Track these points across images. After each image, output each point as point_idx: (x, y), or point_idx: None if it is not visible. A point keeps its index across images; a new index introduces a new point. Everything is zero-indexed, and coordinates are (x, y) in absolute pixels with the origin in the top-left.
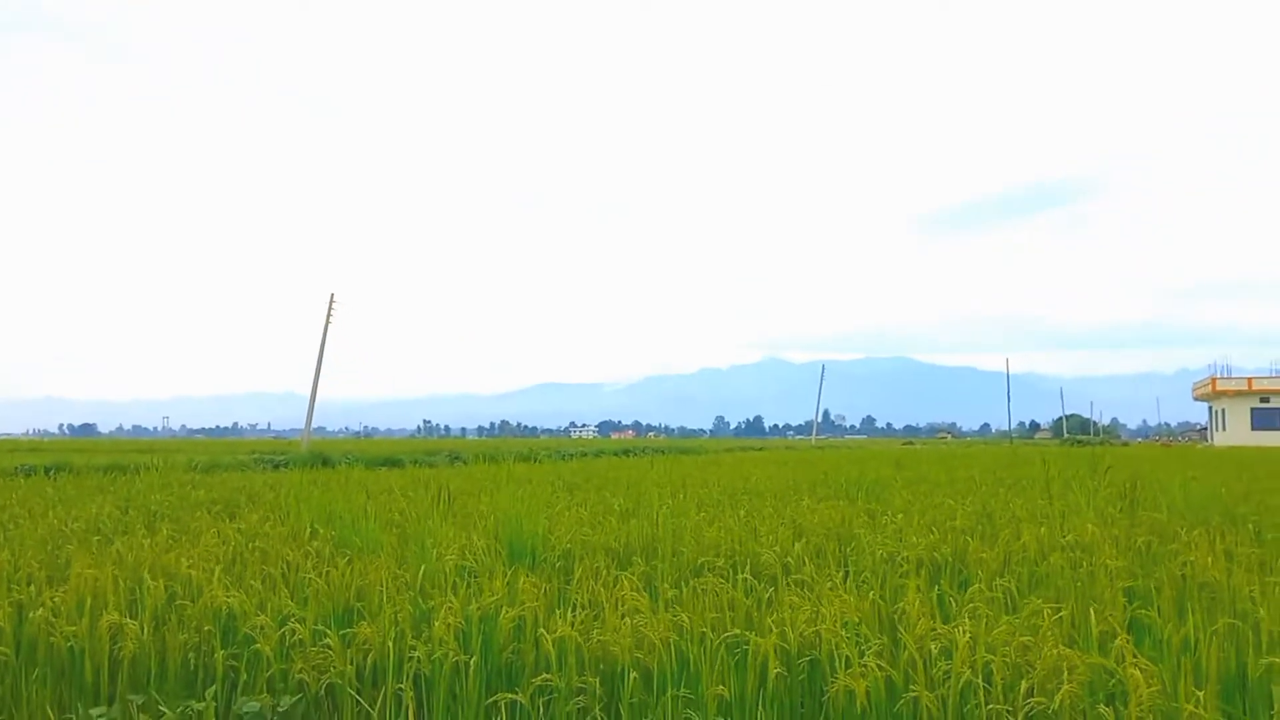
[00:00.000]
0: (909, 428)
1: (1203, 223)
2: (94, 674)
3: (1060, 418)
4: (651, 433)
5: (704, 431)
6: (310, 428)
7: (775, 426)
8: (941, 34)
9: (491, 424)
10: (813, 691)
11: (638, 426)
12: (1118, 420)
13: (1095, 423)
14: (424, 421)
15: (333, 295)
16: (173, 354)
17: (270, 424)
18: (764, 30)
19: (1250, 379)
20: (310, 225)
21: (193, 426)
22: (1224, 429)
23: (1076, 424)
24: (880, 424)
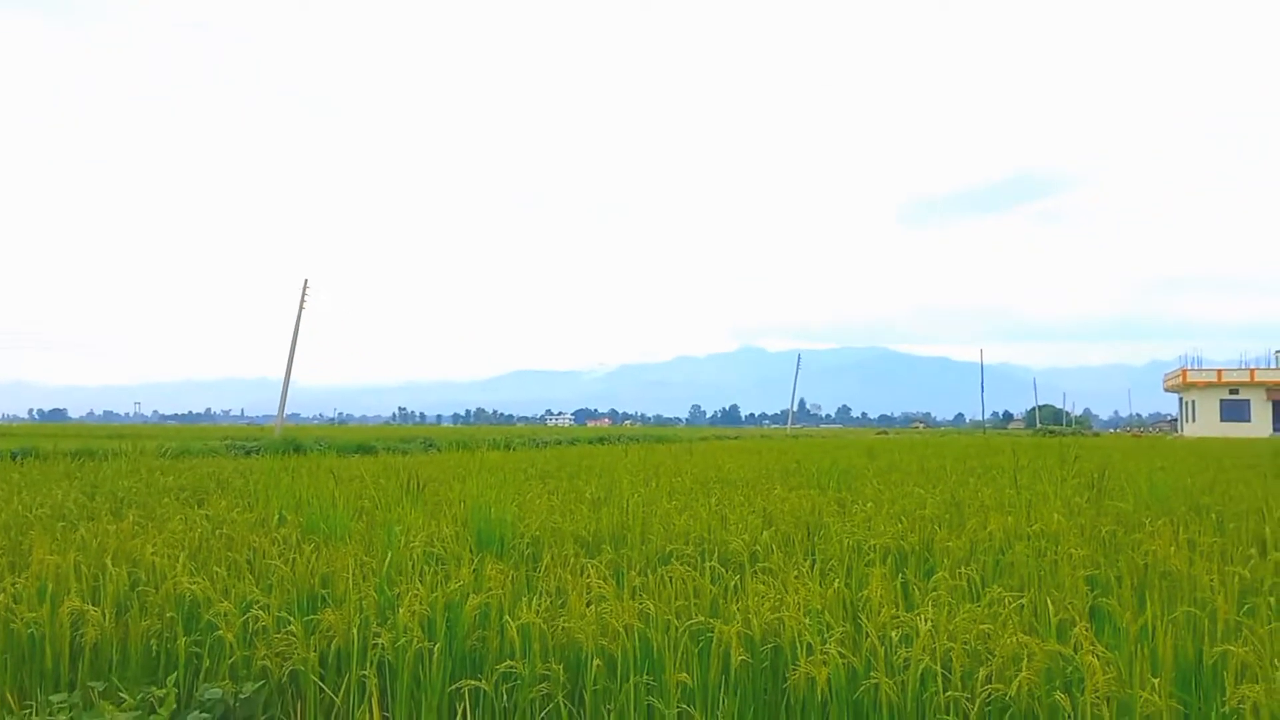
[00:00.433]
0: (884, 417)
1: (1174, 218)
2: (54, 660)
3: (1034, 408)
4: (628, 421)
5: (680, 420)
6: (283, 414)
7: (751, 415)
8: (921, 29)
9: (468, 411)
10: (775, 678)
11: (614, 414)
12: (1090, 411)
13: (1068, 413)
14: (400, 408)
15: (306, 281)
16: (144, 339)
17: (244, 410)
18: (748, 27)
19: (1220, 371)
20: (287, 213)
21: (165, 412)
22: (1194, 420)
23: (1049, 414)
24: (856, 413)
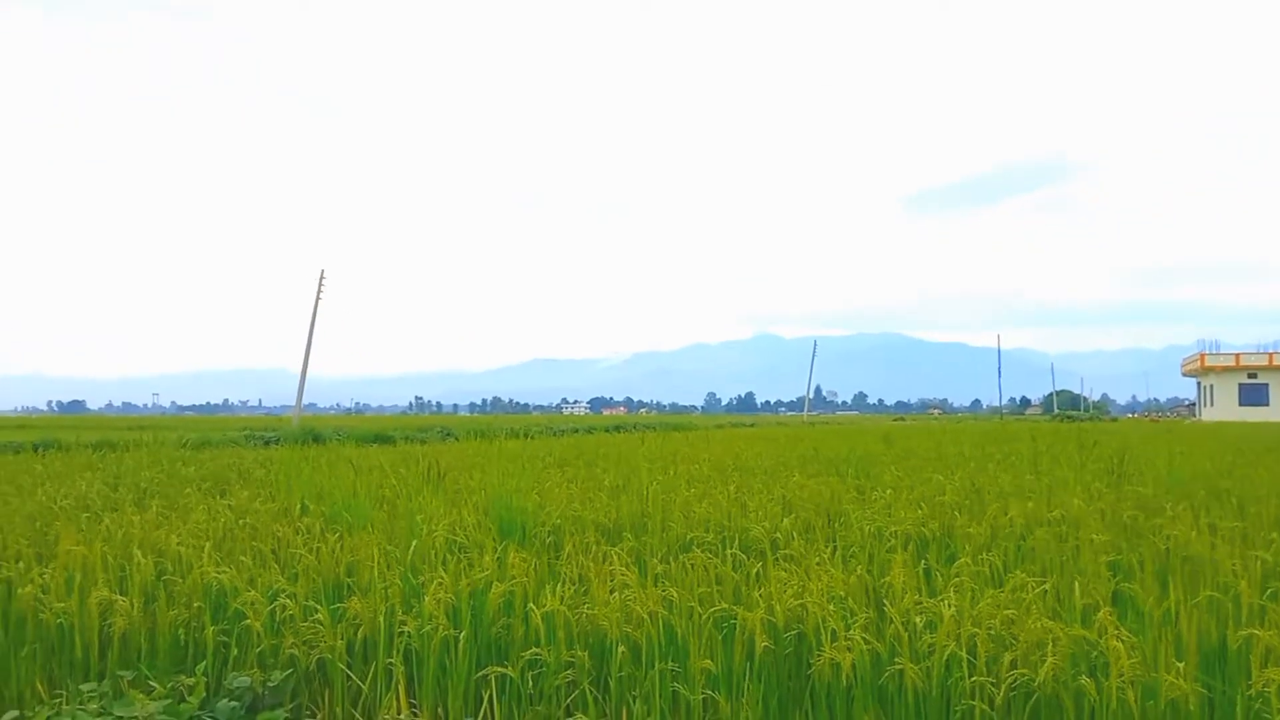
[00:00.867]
0: (900, 404)
1: (1191, 201)
2: (84, 650)
3: (1051, 394)
4: (643, 409)
5: (696, 408)
6: (301, 404)
7: (767, 403)
8: (935, 14)
9: (483, 400)
10: (799, 665)
11: (629, 403)
12: (1107, 396)
13: (1085, 398)
14: (416, 398)
15: (323, 272)
16: (162, 331)
17: (261, 401)
18: (758, 13)
19: (1238, 355)
20: (302, 207)
21: (182, 403)
22: (1212, 405)
23: (1067, 400)
24: (872, 400)
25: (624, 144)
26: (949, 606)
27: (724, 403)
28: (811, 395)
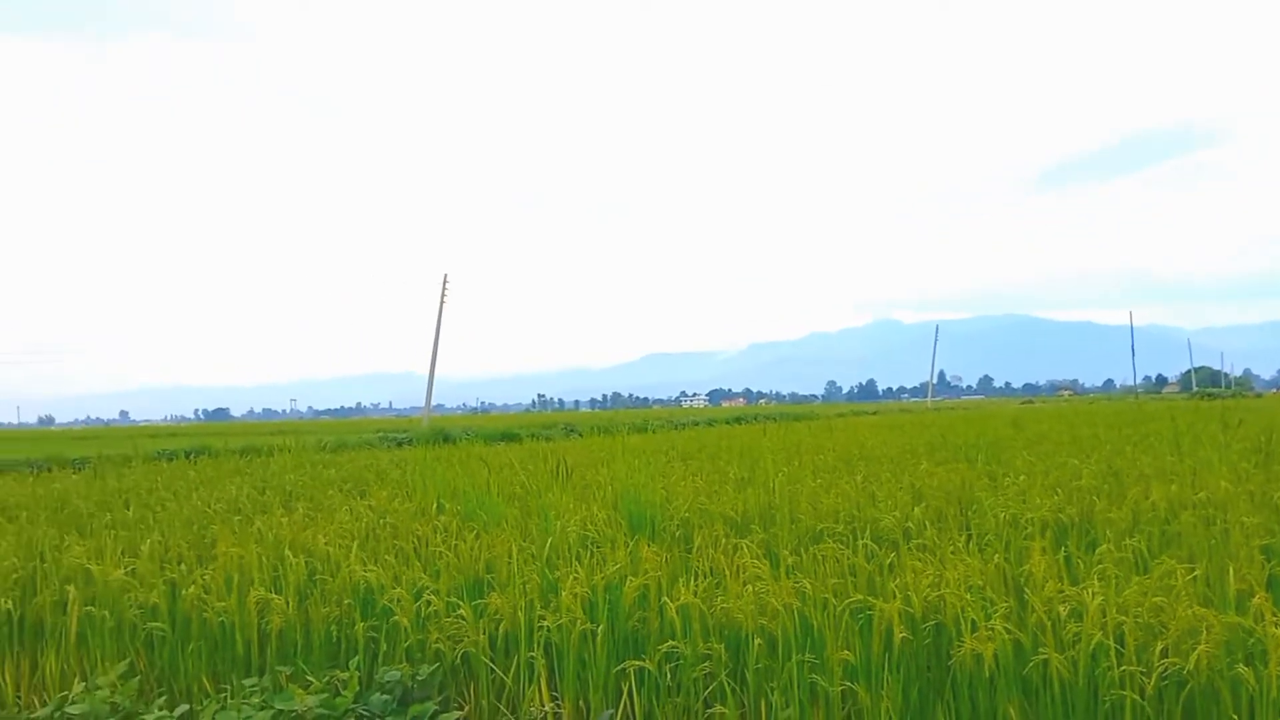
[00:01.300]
0: (1028, 386)
1: None
2: (245, 646)
3: (1188, 371)
4: (762, 400)
5: (815, 397)
6: (430, 405)
7: (889, 390)
8: None
9: (604, 396)
10: (939, 655)
11: (748, 394)
12: (1250, 371)
13: (1227, 375)
14: (538, 395)
15: (446, 276)
16: (296, 339)
17: (391, 403)
18: None
19: None
20: (423, 214)
21: (318, 408)
22: None
23: (1206, 376)
24: (998, 383)
25: (733, 138)
26: (1093, 595)
27: (844, 391)
28: (935, 380)
